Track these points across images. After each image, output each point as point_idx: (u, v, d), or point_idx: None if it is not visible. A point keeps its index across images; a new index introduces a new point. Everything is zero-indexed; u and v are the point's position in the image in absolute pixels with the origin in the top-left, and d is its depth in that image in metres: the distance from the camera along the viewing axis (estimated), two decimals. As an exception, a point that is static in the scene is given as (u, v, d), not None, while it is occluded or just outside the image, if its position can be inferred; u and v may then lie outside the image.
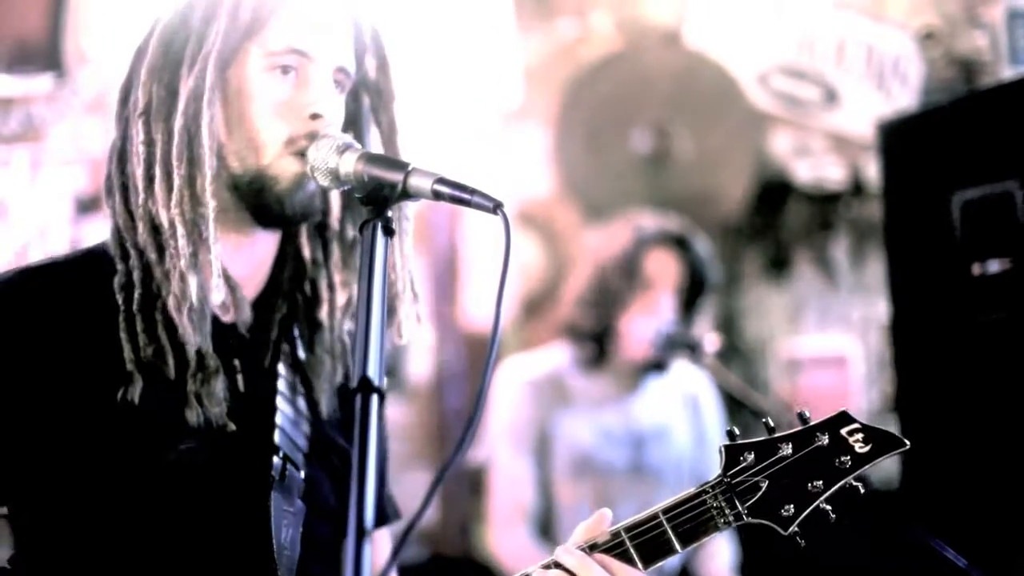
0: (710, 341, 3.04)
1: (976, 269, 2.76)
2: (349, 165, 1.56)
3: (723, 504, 1.55)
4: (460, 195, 1.50)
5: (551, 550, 3.11)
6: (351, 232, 1.80)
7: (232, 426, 1.62)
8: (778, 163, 4.84)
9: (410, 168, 1.51)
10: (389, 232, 1.49)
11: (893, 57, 4.85)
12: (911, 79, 4.83)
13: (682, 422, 3.23)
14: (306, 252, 1.80)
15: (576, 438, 3.13)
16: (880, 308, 4.78)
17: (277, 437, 1.69)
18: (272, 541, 1.63)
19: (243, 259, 1.73)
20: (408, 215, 1.75)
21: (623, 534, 1.62)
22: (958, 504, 2.73)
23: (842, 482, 1.53)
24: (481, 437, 3.21)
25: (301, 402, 1.75)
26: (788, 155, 4.86)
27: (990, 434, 2.70)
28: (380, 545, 1.81)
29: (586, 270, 3.22)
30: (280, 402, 1.71)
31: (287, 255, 1.80)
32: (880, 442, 1.55)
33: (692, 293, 3.17)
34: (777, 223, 4.86)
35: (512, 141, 4.79)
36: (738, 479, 1.55)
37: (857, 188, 4.82)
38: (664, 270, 3.13)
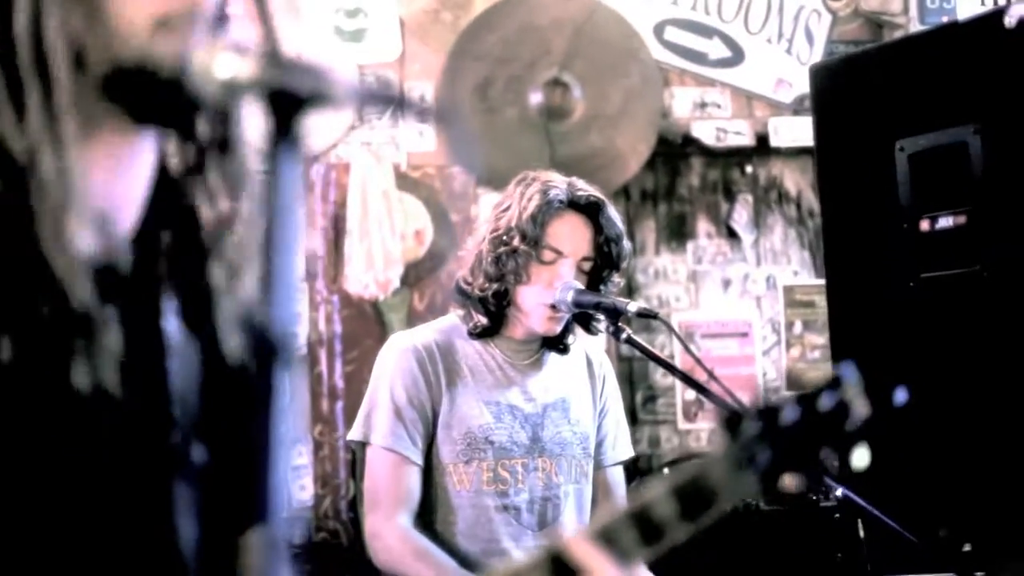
0: (632, 304, 2.73)
1: (925, 225, 2.58)
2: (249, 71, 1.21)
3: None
4: None
5: (438, 544, 2.86)
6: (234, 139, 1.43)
7: (118, 392, 1.28)
8: (680, 121, 4.61)
9: None
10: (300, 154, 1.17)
11: (796, 8, 4.65)
12: (816, 34, 4.65)
13: (582, 393, 2.94)
14: (176, 163, 1.43)
15: (468, 415, 2.81)
16: (785, 274, 4.65)
17: (175, 408, 1.35)
18: (178, 541, 1.32)
19: (116, 181, 1.35)
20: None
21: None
22: (907, 476, 2.56)
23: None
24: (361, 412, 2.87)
25: (195, 358, 1.40)
26: (690, 112, 4.63)
27: (940, 402, 2.53)
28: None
29: (483, 233, 2.88)
30: (174, 361, 1.37)
31: (164, 171, 1.42)
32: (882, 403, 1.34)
33: (602, 265, 2.85)
34: (678, 184, 4.63)
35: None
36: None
37: (762, 148, 4.63)
38: (572, 237, 2.81)
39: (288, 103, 1.18)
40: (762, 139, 4.61)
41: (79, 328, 1.23)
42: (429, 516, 2.82)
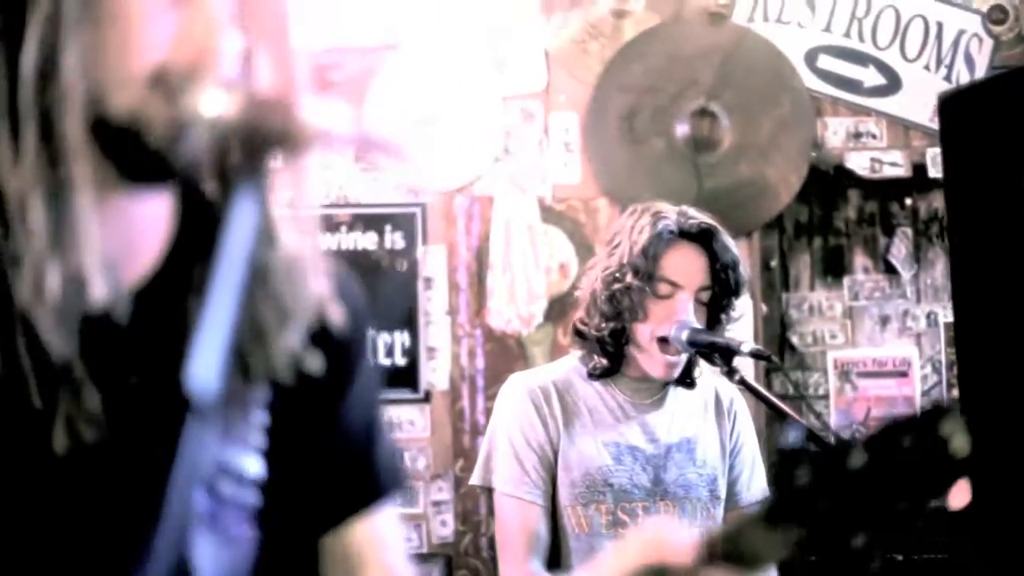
0: (745, 345, 2.61)
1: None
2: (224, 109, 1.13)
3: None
4: None
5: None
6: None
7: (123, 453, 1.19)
8: (833, 151, 4.46)
9: None
10: (261, 193, 1.10)
11: (955, 33, 4.47)
12: (978, 60, 4.46)
13: (709, 432, 2.82)
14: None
15: (586, 456, 2.71)
16: (947, 311, 4.44)
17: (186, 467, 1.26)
18: None
19: (114, 230, 1.25)
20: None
21: None
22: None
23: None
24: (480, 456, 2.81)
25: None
26: (844, 143, 4.47)
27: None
28: (374, 535, 1.40)
29: (596, 271, 2.79)
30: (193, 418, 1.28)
31: (191, 217, 1.33)
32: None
33: (720, 293, 2.73)
34: (834, 217, 4.47)
35: (536, 129, 4.40)
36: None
37: (920, 179, 4.44)
38: (687, 268, 2.70)
39: (257, 141, 1.11)
40: (919, 169, 4.42)
41: (59, 381, 1.15)
42: (553, 556, 2.73)
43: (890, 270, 4.47)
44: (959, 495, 1.08)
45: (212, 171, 1.17)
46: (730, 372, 2.64)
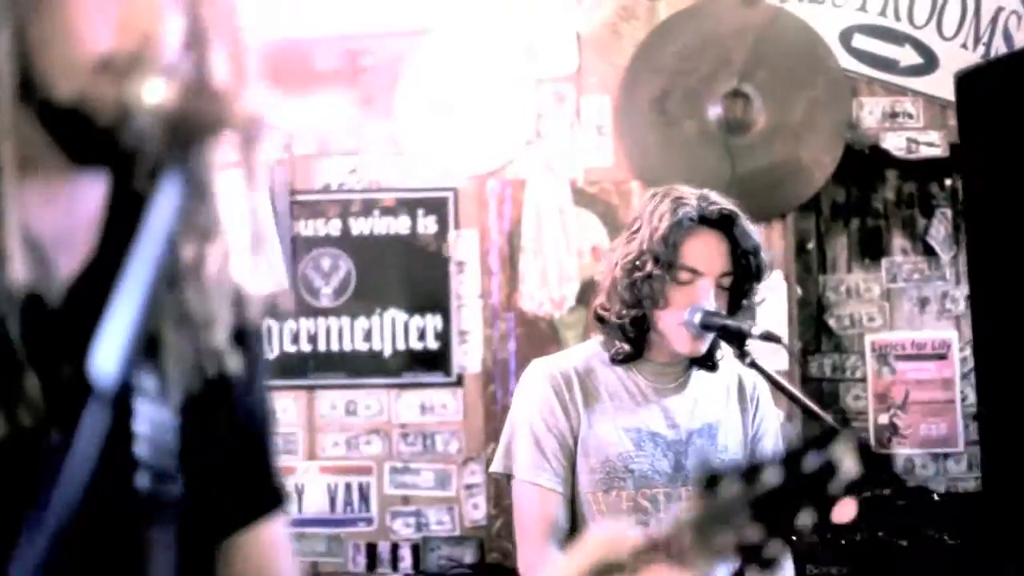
0: (756, 328, 2.59)
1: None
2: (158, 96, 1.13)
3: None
4: None
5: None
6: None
7: (56, 436, 1.18)
8: (869, 132, 4.42)
9: None
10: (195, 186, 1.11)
11: (993, 10, 4.40)
12: (1017, 38, 4.40)
13: (731, 418, 2.79)
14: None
15: (606, 442, 2.70)
16: None
17: (140, 446, 1.25)
18: None
19: (56, 214, 1.25)
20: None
21: None
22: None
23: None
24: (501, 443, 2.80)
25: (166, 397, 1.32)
26: (880, 123, 4.43)
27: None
28: (274, 541, 1.40)
29: (615, 257, 2.78)
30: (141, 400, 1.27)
31: (123, 205, 1.33)
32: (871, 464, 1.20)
33: (741, 280, 2.71)
34: (871, 199, 4.43)
35: (568, 112, 4.39)
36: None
37: (958, 159, 4.38)
38: (708, 255, 2.68)
39: (187, 129, 1.11)
40: (956, 149, 4.35)
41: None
42: (571, 544, 2.72)
43: (929, 251, 4.42)
44: (844, 512, 1.22)
45: (149, 158, 1.18)
46: (742, 355, 2.62)
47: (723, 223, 2.68)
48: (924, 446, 4.34)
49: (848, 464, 1.17)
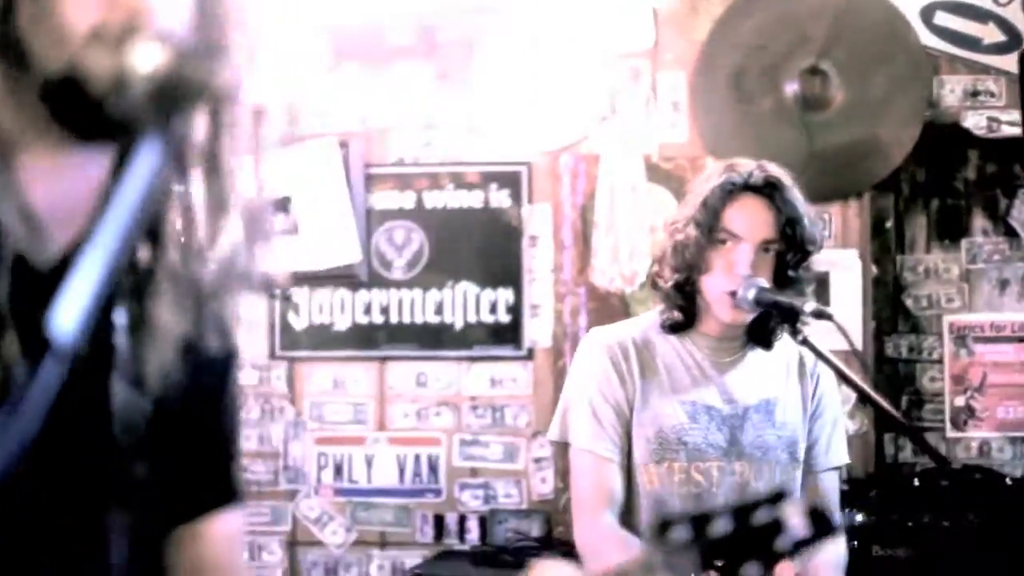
0: (808, 305, 2.55)
1: None
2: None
3: None
4: None
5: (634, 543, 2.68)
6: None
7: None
8: (950, 110, 4.34)
9: None
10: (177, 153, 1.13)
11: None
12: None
13: (790, 394, 2.77)
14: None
15: (661, 414, 2.69)
16: None
17: (116, 426, 1.27)
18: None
19: (56, 187, 1.27)
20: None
21: None
22: None
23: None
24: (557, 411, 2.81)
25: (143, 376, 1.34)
26: (961, 101, 4.36)
27: None
28: (228, 535, 1.43)
29: (670, 222, 2.78)
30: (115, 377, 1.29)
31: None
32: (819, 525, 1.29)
33: (787, 248, 2.67)
34: (951, 178, 4.36)
35: (643, 88, 4.38)
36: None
37: (1041, 137, 4.31)
38: (749, 220, 2.65)
39: (171, 94, 1.12)
40: (1041, 128, 4.28)
41: None
42: (626, 513, 2.72)
43: (1010, 232, 4.34)
44: (784, 572, 1.31)
45: (144, 128, 1.20)
46: (794, 332, 2.59)
47: (769, 190, 2.66)
48: (1001, 429, 4.27)
49: (795, 524, 1.26)
